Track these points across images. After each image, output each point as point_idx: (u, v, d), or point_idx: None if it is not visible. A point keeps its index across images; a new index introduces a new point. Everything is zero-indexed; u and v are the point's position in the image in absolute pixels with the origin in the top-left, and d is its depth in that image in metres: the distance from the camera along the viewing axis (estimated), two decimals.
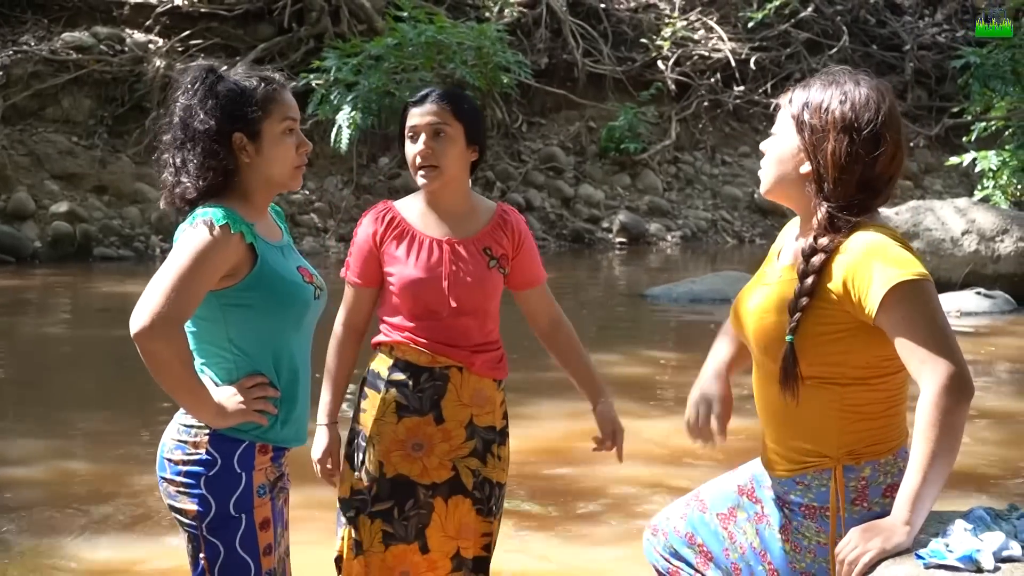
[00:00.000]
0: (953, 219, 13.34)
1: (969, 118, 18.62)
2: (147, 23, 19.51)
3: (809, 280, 2.83)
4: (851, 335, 2.83)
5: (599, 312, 14.04)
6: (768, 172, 3.01)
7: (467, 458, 3.68)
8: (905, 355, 2.73)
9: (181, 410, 3.15)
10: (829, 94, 2.90)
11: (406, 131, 3.69)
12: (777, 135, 3.00)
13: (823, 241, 2.84)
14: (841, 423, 2.89)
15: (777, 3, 23.59)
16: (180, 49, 19.27)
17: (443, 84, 18.52)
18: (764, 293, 2.98)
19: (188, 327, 3.10)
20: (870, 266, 2.76)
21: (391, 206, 3.77)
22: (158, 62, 18.57)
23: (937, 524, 2.79)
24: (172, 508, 3.15)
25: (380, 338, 3.71)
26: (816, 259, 2.83)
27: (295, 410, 3.21)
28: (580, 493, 6.50)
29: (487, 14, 21.49)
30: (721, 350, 3.28)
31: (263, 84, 3.12)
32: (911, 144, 24.14)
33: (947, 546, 2.67)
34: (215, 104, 3.07)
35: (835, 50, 24.14)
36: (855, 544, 2.69)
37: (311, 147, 3.25)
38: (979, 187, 17.18)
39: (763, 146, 3.06)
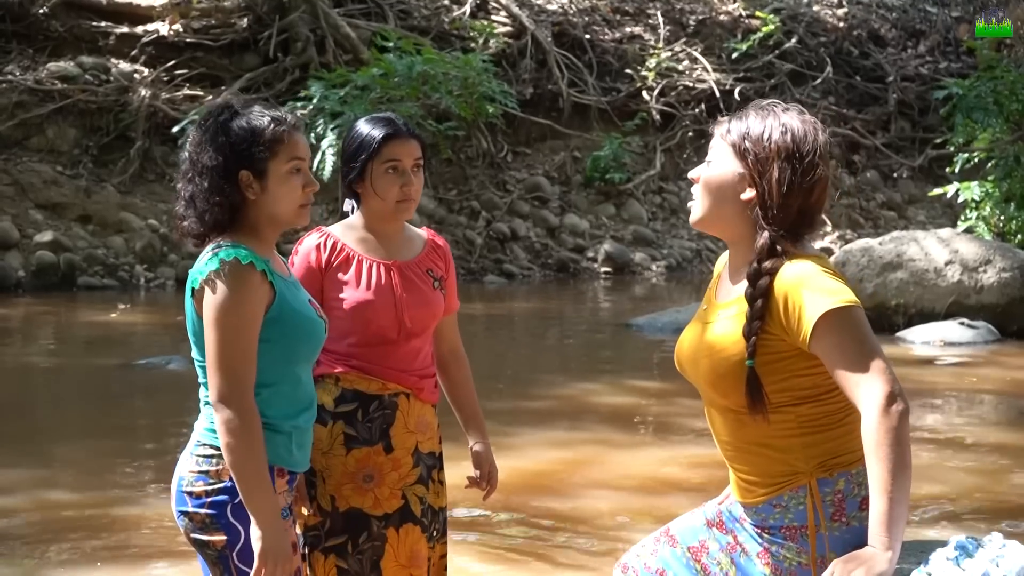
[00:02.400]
0: (936, 249, 13.40)
1: (952, 149, 18.69)
2: (132, 53, 19.52)
3: (759, 303, 2.86)
4: (793, 360, 2.87)
5: (584, 342, 14.05)
6: (704, 200, 3.01)
7: (414, 485, 3.67)
8: (840, 381, 2.78)
9: (195, 441, 3.16)
10: (768, 124, 2.94)
11: (385, 162, 3.66)
12: (713, 162, 3.01)
13: (767, 264, 2.88)
14: (803, 438, 2.92)
15: (761, 34, 23.77)
16: (166, 79, 19.29)
17: (422, 113, 18.55)
18: (709, 332, 3.01)
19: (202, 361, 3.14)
20: (800, 295, 2.80)
21: (328, 232, 3.74)
22: (143, 92, 18.59)
23: (919, 553, 2.80)
24: (196, 541, 3.13)
25: (322, 370, 3.63)
26: (763, 281, 2.86)
27: (306, 436, 3.26)
28: (563, 523, 6.48)
29: (472, 45, 21.55)
30: None
31: (273, 124, 3.17)
32: (894, 175, 24.25)
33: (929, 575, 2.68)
34: (225, 141, 3.14)
35: (819, 81, 24.27)
36: None
37: (317, 187, 3.28)
38: (962, 218, 17.24)
39: (695, 173, 3.05)
